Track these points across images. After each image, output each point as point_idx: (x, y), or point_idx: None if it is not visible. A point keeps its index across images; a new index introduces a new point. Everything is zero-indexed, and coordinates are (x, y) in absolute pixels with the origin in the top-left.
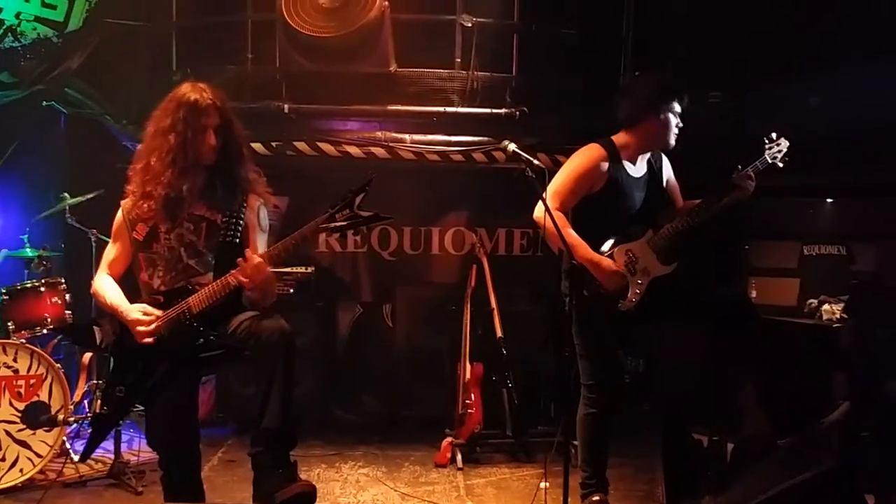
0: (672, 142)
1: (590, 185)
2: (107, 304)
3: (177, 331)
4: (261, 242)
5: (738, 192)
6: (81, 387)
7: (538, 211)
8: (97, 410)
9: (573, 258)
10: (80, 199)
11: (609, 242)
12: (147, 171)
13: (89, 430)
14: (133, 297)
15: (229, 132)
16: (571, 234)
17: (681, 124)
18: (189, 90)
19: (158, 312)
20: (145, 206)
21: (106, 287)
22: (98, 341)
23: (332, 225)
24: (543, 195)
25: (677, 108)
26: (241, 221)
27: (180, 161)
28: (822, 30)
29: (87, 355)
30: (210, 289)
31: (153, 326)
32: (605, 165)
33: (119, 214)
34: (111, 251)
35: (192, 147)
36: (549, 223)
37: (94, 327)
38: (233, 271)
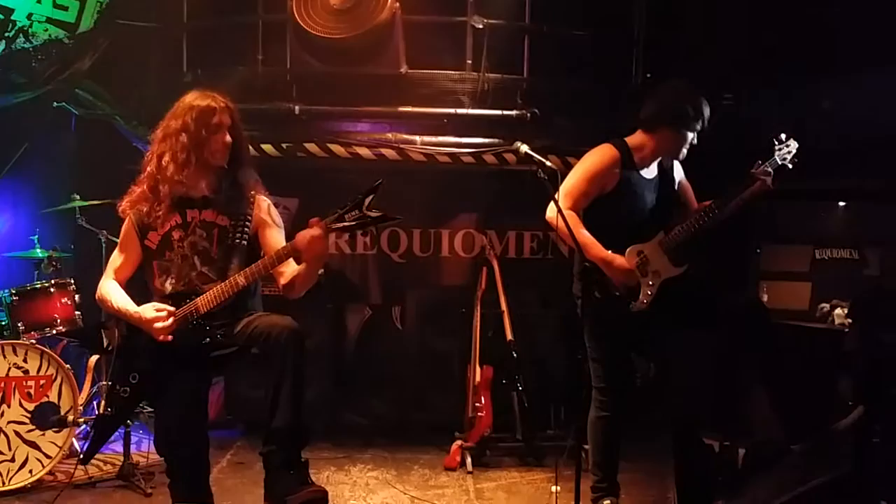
0: (683, 155)
1: (602, 186)
2: (114, 308)
3: (185, 331)
4: (278, 238)
5: (759, 185)
6: (87, 389)
7: (550, 211)
8: (101, 411)
9: (585, 259)
10: (90, 202)
11: None
12: (160, 171)
13: (92, 431)
14: (141, 303)
15: (238, 135)
16: (583, 234)
17: (695, 141)
18: (198, 95)
19: (171, 308)
20: (158, 210)
21: (112, 291)
22: (105, 344)
23: (341, 225)
24: (556, 196)
25: (697, 126)
26: (249, 223)
27: (193, 160)
28: (836, 33)
29: (94, 358)
30: (218, 289)
31: (170, 322)
32: (618, 165)
33: (127, 223)
34: (117, 258)
35: (206, 147)
36: (560, 223)
37: (102, 331)
38: (298, 234)
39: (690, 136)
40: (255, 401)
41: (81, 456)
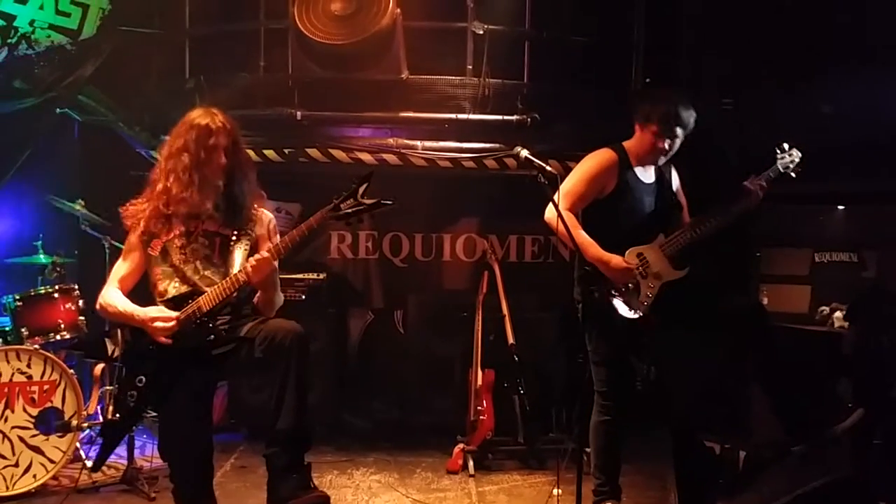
0: (661, 161)
1: (600, 188)
2: (118, 313)
3: (188, 330)
4: None
5: (747, 200)
6: (95, 399)
7: (549, 212)
8: (109, 417)
9: (586, 263)
10: (94, 216)
11: None
12: (167, 192)
13: (101, 438)
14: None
15: (237, 154)
16: (581, 235)
17: (676, 147)
18: (201, 114)
19: (174, 314)
20: (167, 225)
21: (114, 297)
22: (110, 353)
23: (338, 213)
24: (555, 199)
25: (679, 132)
26: (252, 234)
27: (196, 179)
28: (834, 36)
29: (99, 367)
30: (219, 287)
31: (171, 324)
32: (616, 169)
33: (132, 233)
34: (121, 268)
35: (207, 166)
36: (560, 224)
37: (106, 339)
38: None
39: (668, 142)
40: (258, 405)
41: (91, 464)
